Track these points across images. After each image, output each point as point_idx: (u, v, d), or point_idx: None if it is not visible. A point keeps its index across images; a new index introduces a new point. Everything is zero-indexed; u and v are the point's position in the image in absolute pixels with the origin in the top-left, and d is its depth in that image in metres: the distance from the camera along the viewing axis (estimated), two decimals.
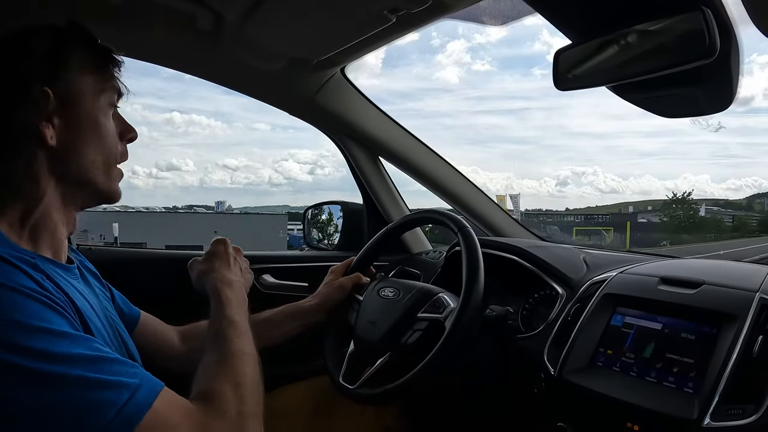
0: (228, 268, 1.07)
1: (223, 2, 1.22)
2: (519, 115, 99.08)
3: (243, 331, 0.93)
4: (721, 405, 0.93)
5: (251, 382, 0.85)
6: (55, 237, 0.86)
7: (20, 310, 0.66)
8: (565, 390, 1.13)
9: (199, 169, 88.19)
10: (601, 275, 1.32)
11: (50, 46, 0.85)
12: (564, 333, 1.22)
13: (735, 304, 1.05)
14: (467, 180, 2.03)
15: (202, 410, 0.75)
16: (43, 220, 0.84)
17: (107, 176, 0.90)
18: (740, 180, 75.07)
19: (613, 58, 1.10)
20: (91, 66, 0.89)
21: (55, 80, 0.84)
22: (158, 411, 0.69)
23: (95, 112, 0.88)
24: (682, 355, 1.05)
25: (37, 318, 0.67)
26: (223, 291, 1.00)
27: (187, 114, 67.27)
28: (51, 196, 0.85)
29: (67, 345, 0.67)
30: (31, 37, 0.85)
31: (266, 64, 1.51)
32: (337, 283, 1.43)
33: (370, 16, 1.18)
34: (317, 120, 1.87)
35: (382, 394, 1.19)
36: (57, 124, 0.84)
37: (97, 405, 0.65)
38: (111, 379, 0.67)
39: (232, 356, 0.87)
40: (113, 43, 0.94)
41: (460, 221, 1.32)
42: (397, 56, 51.38)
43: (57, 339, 0.67)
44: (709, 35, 0.92)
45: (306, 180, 78.69)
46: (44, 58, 0.84)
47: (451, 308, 1.21)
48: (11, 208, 0.81)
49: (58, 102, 0.83)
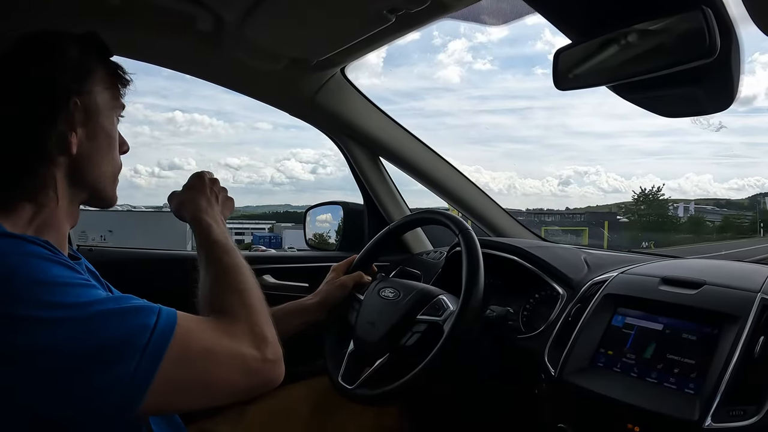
0: (205, 197, 1.08)
1: (222, 3, 1.22)
2: (521, 115, 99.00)
3: (230, 248, 0.98)
4: (722, 406, 0.92)
5: (251, 287, 0.92)
6: (59, 233, 0.89)
7: (43, 272, 0.71)
8: (566, 391, 1.13)
9: (201, 168, 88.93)
10: (602, 275, 1.31)
11: (79, 57, 0.88)
12: (565, 333, 1.22)
13: (736, 305, 1.05)
14: (468, 180, 2.03)
15: (218, 320, 0.84)
16: (49, 219, 0.86)
17: (113, 186, 0.96)
18: (743, 180, 74.97)
19: (613, 57, 1.10)
20: (110, 81, 0.93)
21: (81, 91, 0.87)
22: (183, 326, 0.77)
23: (110, 126, 0.93)
24: (683, 355, 1.05)
25: (59, 276, 0.72)
26: (202, 218, 1.03)
27: (189, 113, 67.92)
28: (62, 199, 0.88)
29: (93, 292, 0.74)
30: (61, 45, 0.88)
31: (266, 64, 1.51)
32: (338, 281, 1.43)
33: (369, 16, 1.18)
34: (317, 120, 1.87)
35: (380, 395, 1.19)
36: (80, 134, 0.87)
37: (135, 329, 0.72)
38: (138, 306, 0.76)
39: (227, 271, 0.93)
40: (113, 44, 0.95)
41: (461, 222, 1.32)
42: (399, 55, 51.42)
43: (82, 289, 0.73)
44: (709, 35, 0.92)
45: (308, 179, 78.80)
46: (74, 69, 0.87)
47: (450, 311, 1.21)
48: (23, 207, 0.83)
49: (83, 113, 0.87)
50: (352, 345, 1.31)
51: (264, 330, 0.86)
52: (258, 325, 0.85)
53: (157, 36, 1.41)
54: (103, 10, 1.21)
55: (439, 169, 1.98)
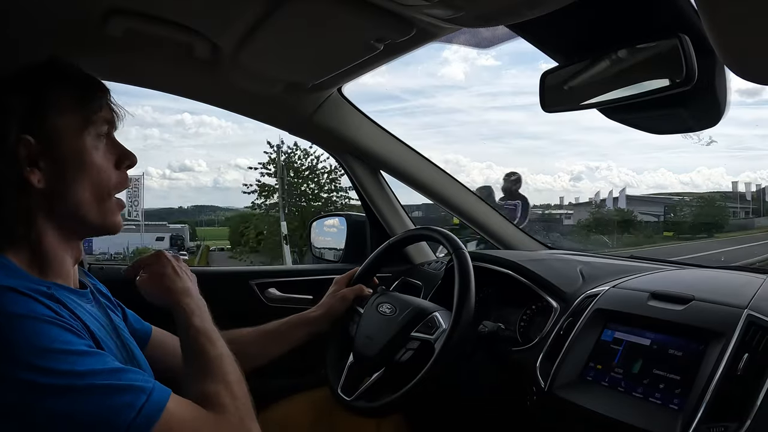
0: (178, 278, 1.04)
1: (218, 32, 1.25)
2: (533, 111, 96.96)
3: (215, 337, 0.96)
4: (703, 423, 0.93)
5: (237, 379, 0.91)
6: (63, 268, 0.90)
7: (42, 336, 0.72)
8: (555, 404, 1.16)
9: (212, 169, 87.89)
10: (594, 289, 1.33)
11: (26, 95, 0.86)
12: (556, 347, 1.24)
13: (722, 321, 1.06)
14: (469, 191, 2.06)
15: (206, 411, 0.82)
16: (48, 253, 0.88)
17: (99, 211, 0.91)
18: (755, 173, 73.27)
19: (598, 80, 1.12)
20: (73, 103, 0.89)
21: (34, 126, 0.85)
22: (171, 411, 0.76)
23: (80, 149, 0.89)
24: (669, 371, 1.06)
25: (59, 341, 0.73)
26: (183, 302, 1.00)
27: (198, 115, 67.32)
28: (50, 234, 0.88)
29: (89, 362, 0.74)
30: (6, 91, 0.86)
31: (263, 88, 1.54)
32: (339, 293, 1.46)
33: (358, 46, 1.22)
34: (317, 138, 1.91)
35: (377, 408, 1.23)
36: (43, 167, 0.86)
37: (120, 407, 0.72)
38: (129, 384, 0.75)
39: (212, 360, 0.91)
40: (115, 73, 0.96)
41: (456, 241, 1.35)
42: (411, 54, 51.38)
43: (79, 357, 0.74)
44: (686, 63, 0.93)
45: None
46: (20, 110, 0.85)
47: (442, 330, 1.24)
48: (19, 246, 0.85)
49: (40, 146, 0.85)
50: (352, 357, 1.35)
51: (250, 426, 0.86)
52: (244, 421, 0.85)
53: (155, 64, 1.44)
54: (105, 43, 1.24)
55: (439, 181, 2.00)
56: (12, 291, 0.74)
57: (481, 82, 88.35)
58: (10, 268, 0.82)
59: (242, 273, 1.90)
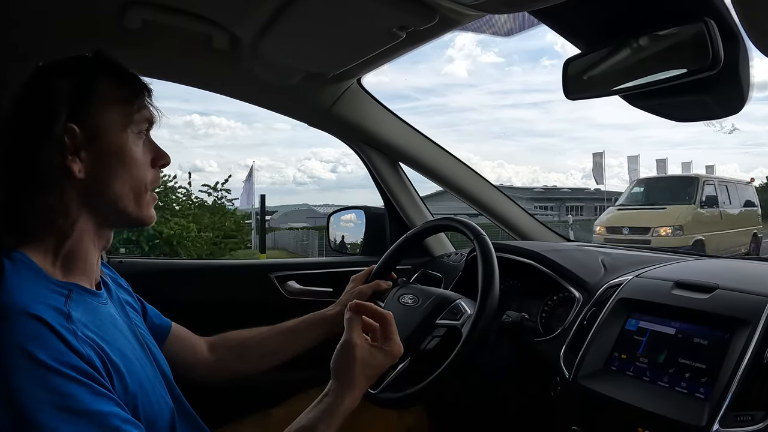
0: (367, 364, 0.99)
1: (237, 23, 1.26)
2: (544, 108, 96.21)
3: None
4: (730, 411, 0.93)
5: None
6: (88, 261, 0.90)
7: (45, 389, 0.70)
8: (580, 394, 1.15)
9: (222, 169, 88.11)
10: (617, 279, 1.32)
11: (75, 83, 0.87)
12: (579, 337, 1.24)
13: (748, 310, 1.05)
14: (488, 183, 2.05)
15: None
16: (75, 247, 0.88)
17: (137, 205, 0.92)
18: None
19: (621, 67, 1.11)
20: (118, 98, 0.91)
21: (80, 116, 0.86)
22: None
23: (122, 144, 0.90)
24: (695, 360, 1.05)
25: (68, 397, 0.71)
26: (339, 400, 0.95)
27: (207, 116, 67.96)
28: (83, 225, 0.88)
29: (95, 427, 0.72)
30: (55, 75, 0.88)
31: (282, 79, 1.55)
32: (356, 290, 1.45)
33: (380, 34, 1.21)
34: (335, 129, 1.90)
35: (402, 398, 1.22)
36: (85, 158, 0.86)
37: None
38: None
39: None
40: (132, 65, 0.95)
41: (476, 228, 1.34)
42: (417, 52, 50.98)
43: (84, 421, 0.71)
44: (712, 47, 0.92)
45: (330, 178, 77.57)
46: (69, 96, 0.86)
47: (468, 315, 1.23)
48: (45, 238, 0.85)
49: (84, 136, 0.86)
50: None
51: None
52: None
53: (174, 55, 1.45)
54: (122, 32, 1.25)
55: (459, 173, 1.99)
56: (35, 320, 0.73)
57: (492, 80, 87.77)
58: (32, 267, 0.82)
59: (262, 266, 1.91)
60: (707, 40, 0.93)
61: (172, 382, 1.02)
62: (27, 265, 0.82)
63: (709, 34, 0.92)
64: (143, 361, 0.93)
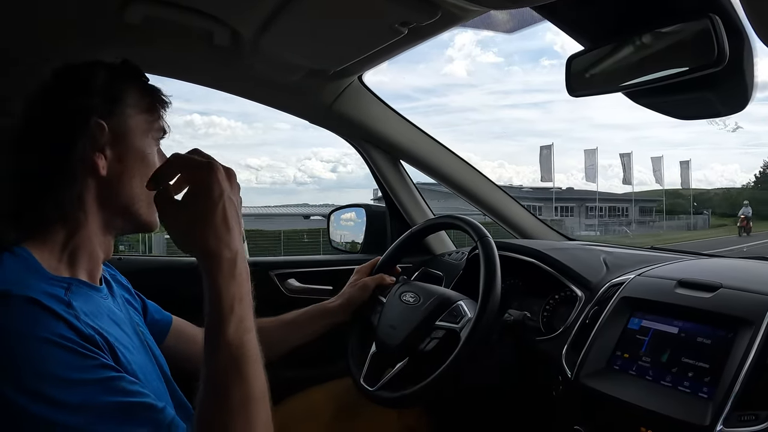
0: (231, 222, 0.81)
1: (238, 19, 1.25)
2: (545, 108, 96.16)
3: (255, 358, 0.84)
4: (733, 411, 0.92)
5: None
6: (92, 259, 0.91)
7: (51, 361, 0.69)
8: (582, 393, 1.14)
9: None
10: (620, 277, 1.32)
11: (109, 83, 0.91)
12: (582, 336, 1.23)
13: (751, 309, 1.04)
14: (490, 181, 2.04)
15: None
16: (83, 243, 0.88)
17: (149, 208, 0.94)
18: None
19: (625, 64, 1.11)
20: (144, 105, 0.95)
21: (110, 115, 0.89)
22: None
23: (143, 148, 0.93)
24: (698, 359, 1.04)
25: (73, 368, 0.70)
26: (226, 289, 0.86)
27: (207, 116, 67.47)
28: (94, 222, 0.89)
29: (95, 389, 0.71)
30: (90, 72, 0.91)
31: (284, 76, 1.54)
32: (360, 282, 1.45)
33: (381, 30, 1.21)
34: (336, 127, 1.89)
35: (399, 398, 1.21)
36: (109, 156, 0.89)
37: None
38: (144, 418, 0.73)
39: (246, 403, 0.78)
40: (134, 61, 0.98)
41: (481, 229, 1.33)
42: (417, 52, 50.38)
43: (86, 387, 0.71)
44: (717, 43, 0.92)
45: (330, 178, 77.81)
46: (102, 94, 0.89)
47: (468, 318, 1.22)
48: (56, 231, 0.86)
49: (111, 135, 0.89)
50: (374, 347, 1.34)
51: None
52: None
53: (174, 51, 1.44)
54: (123, 28, 1.25)
55: (461, 172, 1.99)
56: (33, 304, 0.72)
57: (492, 80, 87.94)
58: (30, 263, 0.82)
59: (262, 263, 1.90)
60: (712, 37, 0.92)
61: (171, 379, 1.02)
62: (28, 261, 0.82)
63: (714, 30, 0.92)
64: (142, 355, 0.93)
